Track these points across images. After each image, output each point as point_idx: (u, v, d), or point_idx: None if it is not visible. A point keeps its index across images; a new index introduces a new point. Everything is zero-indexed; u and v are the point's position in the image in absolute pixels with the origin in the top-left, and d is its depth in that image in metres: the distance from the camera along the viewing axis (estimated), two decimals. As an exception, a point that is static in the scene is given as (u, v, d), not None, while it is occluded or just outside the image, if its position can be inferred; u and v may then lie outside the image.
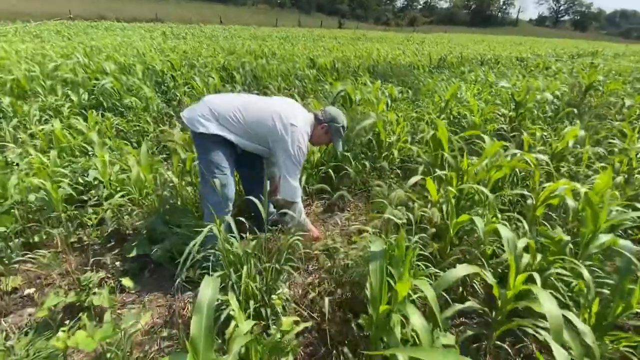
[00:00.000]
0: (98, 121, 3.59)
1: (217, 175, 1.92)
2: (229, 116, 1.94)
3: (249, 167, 2.28)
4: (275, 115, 1.98)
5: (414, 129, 3.68)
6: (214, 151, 1.92)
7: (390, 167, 3.08)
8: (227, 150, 1.98)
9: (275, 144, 1.99)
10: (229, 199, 1.99)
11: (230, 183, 1.99)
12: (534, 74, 8.00)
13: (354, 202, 2.89)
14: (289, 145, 1.96)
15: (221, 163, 1.94)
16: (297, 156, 2.00)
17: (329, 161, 2.95)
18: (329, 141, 2.25)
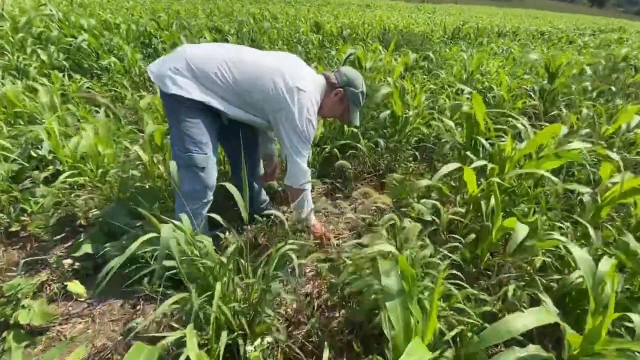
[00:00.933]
0: (64, 83, 3.08)
1: (194, 154, 1.46)
2: (213, 74, 1.44)
3: (237, 138, 1.80)
4: (277, 76, 1.49)
5: (434, 102, 3.17)
6: (190, 121, 1.45)
7: (406, 147, 2.61)
8: (208, 120, 1.51)
9: (277, 114, 1.52)
10: (208, 186, 1.54)
11: (212, 165, 1.53)
12: (559, 47, 7.32)
13: (363, 187, 2.44)
14: (296, 117, 1.50)
15: (200, 138, 1.47)
16: (307, 131, 1.54)
17: (334, 138, 2.47)
18: (343, 112, 1.74)
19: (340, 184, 2.43)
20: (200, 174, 1.50)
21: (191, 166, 1.47)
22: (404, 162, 2.51)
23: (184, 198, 1.48)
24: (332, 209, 2.23)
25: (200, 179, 1.50)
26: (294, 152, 1.55)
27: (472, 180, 1.48)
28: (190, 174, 1.48)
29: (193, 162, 1.47)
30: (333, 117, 1.84)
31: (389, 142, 2.59)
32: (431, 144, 2.80)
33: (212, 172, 1.55)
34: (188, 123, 1.45)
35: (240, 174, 1.97)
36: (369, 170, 2.54)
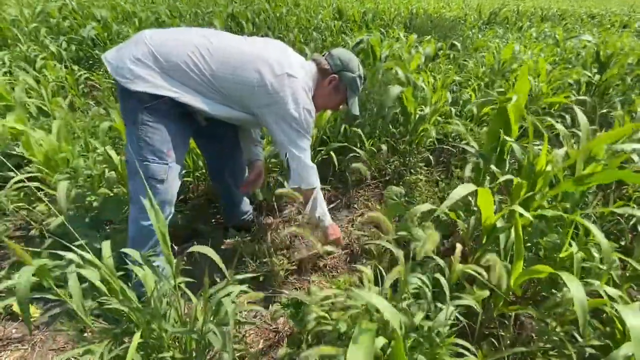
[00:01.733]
0: (61, 75, 2.97)
1: (152, 164, 1.23)
2: (184, 63, 1.19)
3: (217, 140, 1.57)
4: (261, 64, 1.24)
5: (458, 96, 2.77)
6: (151, 125, 1.22)
7: (419, 150, 2.26)
8: (177, 124, 1.28)
9: (265, 109, 1.28)
10: (167, 201, 1.31)
11: (173, 177, 1.30)
12: (612, 32, 6.45)
13: (364, 197, 2.13)
14: (291, 108, 1.27)
15: (161, 146, 1.24)
16: (305, 122, 1.33)
17: (332, 140, 2.17)
18: (340, 101, 1.51)
19: (339, 191, 2.14)
20: (158, 187, 1.26)
21: (147, 178, 1.24)
22: (414, 167, 2.17)
23: (137, 212, 1.26)
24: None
25: (158, 192, 1.27)
26: (294, 149, 1.33)
27: (488, 206, 1.13)
28: (142, 185, 1.24)
29: (149, 173, 1.24)
30: (328, 108, 1.58)
31: (398, 144, 2.25)
32: (449, 146, 2.43)
33: (172, 185, 1.31)
34: (148, 127, 1.22)
35: (220, 180, 1.74)
36: (374, 175, 2.22)
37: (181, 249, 1.72)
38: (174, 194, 1.34)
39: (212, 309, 0.95)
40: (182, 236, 1.78)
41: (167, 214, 1.34)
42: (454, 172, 2.30)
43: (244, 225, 1.77)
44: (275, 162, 2.06)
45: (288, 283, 1.54)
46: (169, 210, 1.34)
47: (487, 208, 1.13)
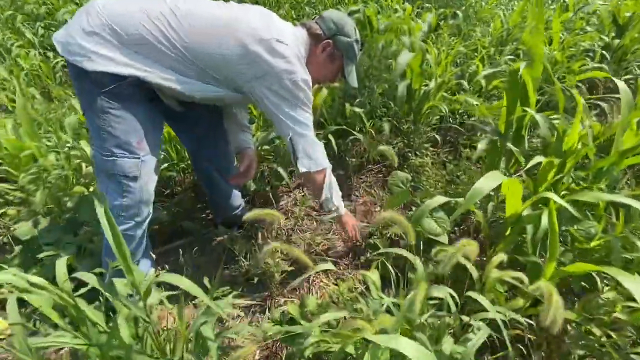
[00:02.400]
0: (35, 63, 2.75)
1: (119, 159, 1.05)
2: (149, 34, 0.99)
3: (198, 125, 1.37)
4: (244, 32, 1.05)
5: (463, 70, 2.55)
6: (113, 112, 1.03)
7: (424, 129, 2.07)
8: (143, 107, 1.09)
9: (255, 83, 1.10)
10: (143, 200, 1.13)
11: (148, 172, 1.12)
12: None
13: (366, 183, 1.96)
14: (285, 78, 1.09)
15: (128, 137, 1.05)
16: (304, 93, 1.15)
17: (330, 121, 1.98)
18: (335, 72, 1.33)
19: (338, 178, 1.97)
20: (130, 185, 1.09)
21: (116, 174, 1.07)
22: (420, 149, 1.98)
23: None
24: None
25: (130, 191, 1.09)
26: (297, 126, 1.17)
27: (515, 196, 0.96)
28: (115, 185, 1.08)
29: (118, 170, 1.06)
30: (323, 80, 1.38)
31: (401, 124, 2.06)
32: (456, 124, 2.24)
33: (148, 182, 1.14)
34: (111, 116, 1.03)
35: (204, 171, 1.50)
36: (376, 159, 2.04)
37: (165, 250, 1.57)
38: (150, 192, 1.16)
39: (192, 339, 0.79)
40: (167, 234, 1.63)
41: (145, 215, 1.16)
42: (462, 153, 2.13)
43: (236, 220, 1.61)
44: (269, 150, 1.88)
45: (285, 283, 1.39)
46: (147, 212, 1.17)
47: (514, 198, 0.96)
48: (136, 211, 1.13)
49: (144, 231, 1.19)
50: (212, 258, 1.54)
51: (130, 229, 1.13)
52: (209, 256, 1.55)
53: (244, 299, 1.32)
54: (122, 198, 1.09)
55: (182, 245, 1.59)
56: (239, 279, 1.44)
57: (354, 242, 1.50)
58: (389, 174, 1.99)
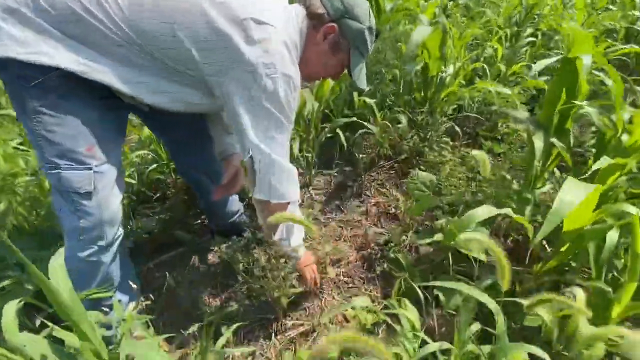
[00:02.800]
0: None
1: (65, 172, 0.82)
2: (81, 8, 0.75)
3: (169, 124, 1.13)
4: (212, 3, 0.80)
5: (479, 54, 2.33)
6: (47, 112, 0.79)
7: (441, 120, 1.87)
8: (91, 103, 0.84)
9: (222, 78, 0.84)
10: (104, 220, 0.90)
11: (106, 186, 0.89)
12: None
13: (378, 181, 1.78)
14: (260, 72, 0.83)
15: (72, 143, 0.82)
16: (285, 100, 0.87)
17: (338, 114, 1.78)
18: (339, 67, 1.03)
19: (347, 176, 1.79)
20: (84, 203, 0.86)
21: (64, 191, 0.85)
22: (437, 143, 1.79)
23: (67, 240, 0.90)
24: (334, 214, 1.61)
25: (85, 211, 0.86)
26: (262, 141, 0.89)
27: (587, 209, 0.76)
28: (68, 203, 0.86)
29: (66, 186, 0.84)
30: (323, 76, 1.12)
31: (416, 114, 1.86)
32: (475, 113, 2.04)
33: (109, 197, 0.90)
34: (44, 116, 0.79)
35: (192, 177, 1.27)
36: (388, 154, 1.84)
37: (155, 264, 1.39)
38: (114, 210, 0.92)
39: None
40: (157, 244, 1.44)
41: (111, 238, 0.93)
42: (483, 145, 1.94)
43: (234, 228, 1.42)
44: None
45: (293, 304, 1.21)
46: (113, 233, 0.94)
47: (584, 209, 0.77)
48: (98, 234, 0.90)
49: (114, 254, 0.97)
50: (208, 272, 1.36)
51: (93, 255, 0.91)
52: (205, 270, 1.37)
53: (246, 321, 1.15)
54: (76, 219, 0.87)
55: (174, 257, 1.41)
56: (239, 296, 1.26)
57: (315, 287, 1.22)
58: (402, 170, 1.81)
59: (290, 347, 1.09)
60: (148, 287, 1.29)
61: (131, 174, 1.53)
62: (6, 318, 0.62)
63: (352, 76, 1.02)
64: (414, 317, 0.75)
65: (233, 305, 1.20)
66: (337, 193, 1.72)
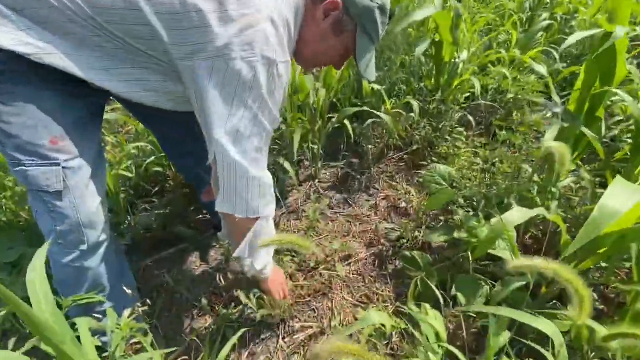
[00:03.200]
0: None
1: (30, 169, 0.72)
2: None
3: (166, 123, 1.04)
4: None
5: (492, 39, 2.22)
6: (5, 102, 0.68)
7: (454, 109, 1.78)
8: (53, 91, 0.73)
9: (195, 61, 0.70)
10: (81, 222, 0.80)
11: (81, 183, 0.78)
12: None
13: (387, 173, 1.69)
14: (236, 56, 0.68)
15: (32, 135, 0.71)
16: (267, 87, 0.73)
17: (345, 102, 1.69)
18: (341, 52, 0.89)
19: (355, 169, 1.70)
20: (56, 204, 0.76)
21: (34, 190, 0.76)
22: (449, 133, 1.70)
23: (50, 245, 0.81)
24: (341, 208, 1.54)
25: (59, 212, 0.77)
26: (231, 141, 0.74)
27: (634, 212, 0.68)
28: (40, 203, 0.77)
29: (32, 184, 0.74)
30: (322, 63, 0.95)
31: (427, 102, 1.76)
32: (489, 101, 1.94)
33: (84, 197, 0.79)
34: (1, 107, 0.68)
35: (188, 171, 1.19)
36: (397, 145, 1.76)
37: (154, 260, 1.32)
38: (93, 211, 0.81)
39: None
40: (157, 240, 1.37)
41: (94, 241, 0.83)
42: (498, 136, 1.85)
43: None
44: (273, 137, 1.59)
45: (299, 304, 1.15)
46: (96, 236, 0.83)
47: (631, 212, 0.69)
48: (78, 237, 0.81)
49: (101, 258, 0.87)
50: (210, 270, 1.29)
51: (75, 260, 0.83)
52: (207, 267, 1.30)
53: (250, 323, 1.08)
54: (50, 220, 0.78)
55: (174, 254, 1.34)
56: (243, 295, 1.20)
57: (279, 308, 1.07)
58: (412, 162, 1.72)
59: (299, 350, 1.03)
60: (146, 285, 1.22)
61: (128, 166, 1.45)
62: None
63: (357, 64, 0.86)
64: (439, 325, 0.67)
65: (237, 306, 1.13)
66: (344, 186, 1.64)
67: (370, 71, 0.89)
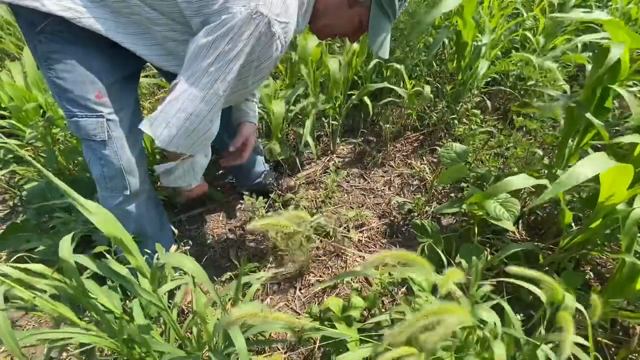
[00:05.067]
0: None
1: (80, 119, 0.85)
2: None
3: None
4: None
5: (519, 24, 2.21)
6: (55, 58, 0.81)
7: (473, 93, 1.82)
8: (98, 52, 0.85)
9: (203, 24, 0.77)
10: (125, 170, 0.92)
11: (122, 134, 0.90)
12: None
13: (403, 152, 1.77)
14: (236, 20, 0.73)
15: (81, 90, 0.83)
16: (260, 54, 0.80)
17: (366, 80, 1.75)
18: (354, 25, 0.91)
19: (372, 146, 1.78)
20: (102, 152, 0.89)
21: (84, 139, 0.89)
22: (467, 115, 1.75)
23: (99, 190, 0.96)
24: (357, 182, 1.63)
25: (105, 158, 0.90)
26: (206, 85, 0.77)
27: (619, 187, 0.76)
28: (90, 151, 0.90)
29: (83, 133, 0.87)
30: (336, 33, 0.96)
31: (444, 85, 1.81)
32: (509, 87, 1.97)
33: (124, 147, 0.91)
34: (53, 62, 0.80)
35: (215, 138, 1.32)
36: (414, 125, 1.82)
37: (187, 217, 1.46)
38: (131, 160, 0.92)
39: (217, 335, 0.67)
40: (189, 201, 1.50)
41: (135, 188, 0.95)
42: (515, 121, 1.89)
43: (261, 189, 1.46)
44: (296, 111, 1.68)
45: (315, 262, 1.27)
46: (136, 183, 0.95)
47: (615, 187, 0.76)
48: (121, 182, 0.93)
49: (143, 207, 1.01)
50: (236, 229, 1.42)
51: (120, 204, 0.96)
52: (233, 227, 1.43)
53: (273, 273, 1.21)
54: (99, 166, 0.91)
55: (204, 212, 1.47)
56: (266, 253, 1.32)
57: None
58: (428, 143, 1.79)
59: (314, 300, 1.15)
60: (179, 239, 1.36)
61: (162, 131, 1.57)
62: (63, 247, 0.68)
63: (370, 40, 0.89)
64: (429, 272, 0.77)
65: (260, 259, 1.26)
66: (361, 162, 1.73)
67: (384, 50, 0.91)
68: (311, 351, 1.02)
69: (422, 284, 0.87)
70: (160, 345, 0.72)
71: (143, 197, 1.01)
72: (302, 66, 1.51)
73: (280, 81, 1.71)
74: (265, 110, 1.59)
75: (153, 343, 0.69)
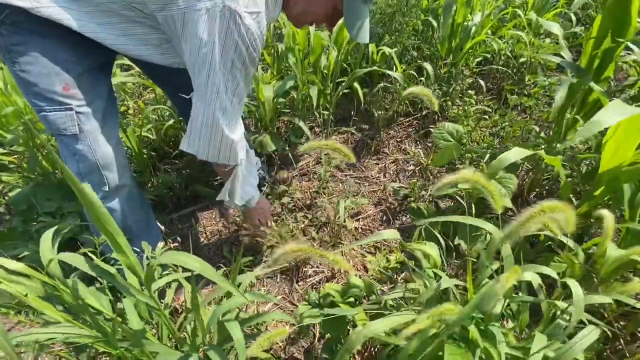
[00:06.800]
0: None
1: (49, 114, 0.82)
2: None
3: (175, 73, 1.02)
4: None
5: (505, 3, 2.17)
6: (18, 50, 0.77)
7: (465, 73, 1.78)
8: (63, 43, 0.80)
9: (168, 20, 0.78)
10: (100, 163, 0.89)
11: (92, 127, 0.87)
12: None
13: (396, 138, 1.73)
14: (205, 18, 0.73)
15: (46, 83, 0.80)
16: (244, 48, 0.78)
17: (356, 66, 1.71)
18: (328, 9, 0.89)
19: (364, 133, 1.75)
20: (74, 147, 0.86)
21: (56, 134, 0.86)
22: (461, 96, 1.71)
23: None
24: (351, 171, 1.60)
25: (78, 154, 0.86)
26: (211, 96, 0.80)
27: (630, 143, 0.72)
28: (63, 146, 0.87)
29: (53, 128, 0.84)
30: (312, 19, 0.94)
31: (439, 67, 1.77)
32: (501, 65, 1.93)
33: (97, 141, 0.88)
34: (16, 55, 0.77)
35: None
36: (407, 110, 1.79)
37: (178, 216, 1.42)
38: (107, 154, 0.89)
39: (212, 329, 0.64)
40: (179, 198, 1.47)
41: (114, 184, 0.93)
42: (509, 100, 1.85)
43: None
44: (284, 102, 1.65)
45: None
46: (114, 179, 0.93)
47: (626, 143, 0.73)
48: (99, 178, 0.90)
49: (124, 203, 0.98)
50: (229, 225, 1.38)
51: (101, 200, 0.93)
52: (226, 223, 1.39)
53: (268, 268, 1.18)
54: (73, 162, 0.88)
55: (196, 210, 1.44)
56: (260, 247, 1.29)
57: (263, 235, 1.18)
58: (421, 127, 1.75)
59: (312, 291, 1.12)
60: (168, 237, 1.33)
61: (150, 129, 1.54)
62: (43, 245, 0.65)
63: (346, 24, 0.87)
64: (434, 253, 0.74)
65: (254, 256, 1.23)
66: (354, 150, 1.69)
67: (363, 34, 0.89)
68: (311, 343, 0.99)
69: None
70: (155, 345, 0.69)
71: (124, 193, 0.98)
72: (289, 55, 1.48)
73: (268, 73, 1.67)
74: (254, 103, 1.55)
75: (147, 344, 0.66)
